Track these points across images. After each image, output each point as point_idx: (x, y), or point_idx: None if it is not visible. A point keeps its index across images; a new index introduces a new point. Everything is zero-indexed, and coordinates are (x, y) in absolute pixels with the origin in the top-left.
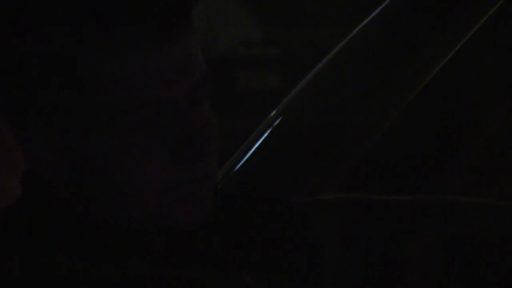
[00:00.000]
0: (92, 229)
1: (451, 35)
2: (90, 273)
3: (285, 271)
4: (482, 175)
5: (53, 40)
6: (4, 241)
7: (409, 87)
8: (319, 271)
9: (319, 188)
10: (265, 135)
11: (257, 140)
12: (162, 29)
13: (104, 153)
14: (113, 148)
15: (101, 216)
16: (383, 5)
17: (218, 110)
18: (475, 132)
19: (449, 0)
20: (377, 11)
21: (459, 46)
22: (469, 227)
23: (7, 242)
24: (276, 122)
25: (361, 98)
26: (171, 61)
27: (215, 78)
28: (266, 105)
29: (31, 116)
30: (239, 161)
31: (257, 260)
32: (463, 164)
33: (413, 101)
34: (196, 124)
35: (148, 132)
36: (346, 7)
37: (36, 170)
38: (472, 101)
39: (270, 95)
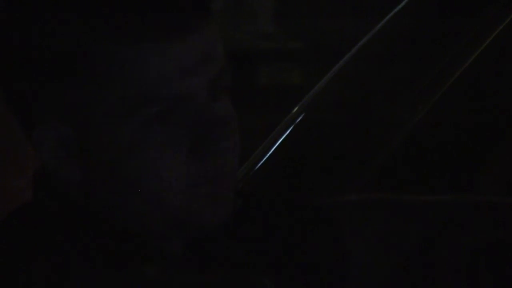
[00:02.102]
0: (107, 232)
1: (483, 27)
2: (104, 278)
3: (309, 275)
4: None
5: (67, 32)
6: (16, 243)
7: (437, 82)
8: (345, 276)
9: (344, 189)
10: (287, 132)
11: (278, 138)
12: (181, 20)
13: (119, 149)
14: (129, 144)
15: (116, 218)
16: None
17: (238, 105)
18: (509, 129)
19: None
20: (403, 3)
21: (490, 39)
22: (502, 229)
23: (19, 244)
24: (298, 119)
25: (387, 94)
26: (190, 52)
27: (235, 72)
28: (287, 101)
29: (43, 113)
30: (260, 160)
31: (279, 265)
32: (495, 163)
33: (441, 97)
34: (216, 118)
35: (166, 126)
36: None
37: (49, 170)
38: (505, 98)
39: (291, 91)
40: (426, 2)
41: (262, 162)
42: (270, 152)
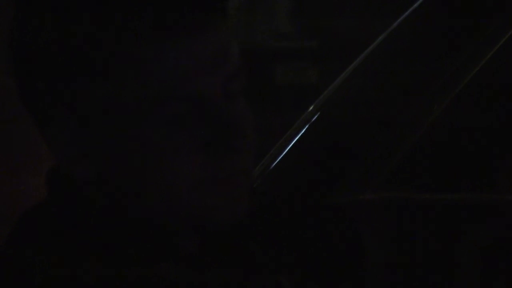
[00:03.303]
0: (121, 230)
1: (498, 26)
2: (119, 277)
3: (324, 274)
4: None
5: (81, 29)
6: (31, 242)
7: (453, 81)
8: (361, 274)
9: (360, 187)
10: (302, 131)
11: (294, 137)
12: (196, 19)
13: (136, 148)
14: (146, 143)
15: (131, 216)
16: None
17: (253, 104)
18: None
19: None
20: (419, 1)
21: (506, 38)
22: None
23: (34, 243)
24: (314, 118)
25: (403, 93)
26: (205, 52)
27: (250, 71)
28: (303, 100)
29: (60, 111)
30: (275, 159)
31: (294, 263)
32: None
33: (457, 96)
34: (232, 117)
35: (182, 125)
36: None
37: (63, 168)
38: None
39: (307, 90)
40: (442, 0)
41: (277, 161)
42: (285, 151)
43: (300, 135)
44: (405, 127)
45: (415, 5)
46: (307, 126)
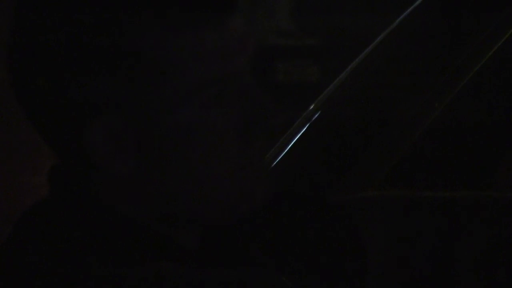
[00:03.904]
0: (124, 228)
1: (498, 25)
2: (122, 274)
3: (327, 273)
4: None
5: (122, 25)
6: (34, 240)
7: (454, 79)
8: (363, 273)
9: (361, 185)
10: (303, 129)
11: (295, 136)
12: (223, 5)
13: (178, 136)
14: (188, 129)
15: (144, 212)
16: None
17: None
18: None
19: None
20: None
21: (507, 36)
22: None
23: (37, 241)
24: (315, 116)
25: (404, 91)
26: (232, 33)
27: (256, 69)
28: (304, 98)
29: (95, 109)
30: (276, 157)
31: (296, 262)
32: None
33: (458, 94)
34: (262, 98)
35: (220, 107)
36: None
37: (99, 165)
38: None
39: (308, 88)
40: None
41: (278, 159)
42: (286, 150)
43: (301, 133)
44: (406, 125)
45: (416, 3)
46: (308, 125)
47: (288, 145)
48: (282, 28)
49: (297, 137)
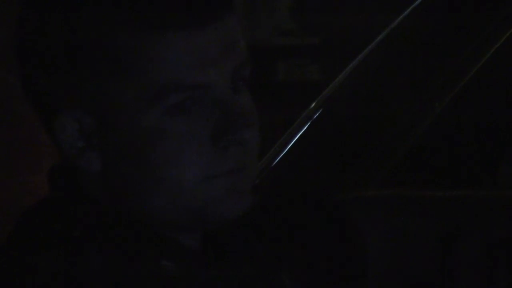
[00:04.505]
0: (124, 227)
1: (500, 22)
2: (122, 273)
3: (326, 272)
4: None
5: (90, 20)
6: (34, 239)
7: (455, 78)
8: (363, 272)
9: (362, 184)
10: (304, 128)
11: (296, 134)
12: (203, 8)
13: (141, 139)
14: (151, 134)
15: (133, 211)
16: None
17: (257, 100)
18: None
19: None
20: None
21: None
22: None
23: (37, 240)
24: (316, 115)
25: (405, 90)
26: (212, 42)
27: (255, 68)
28: (305, 97)
29: (65, 102)
30: (277, 155)
31: (296, 261)
32: None
33: (458, 93)
34: (238, 109)
35: (187, 116)
36: None
37: (68, 163)
38: None
39: (309, 86)
40: None
41: (279, 158)
42: (287, 148)
43: (302, 132)
44: (407, 123)
45: (418, 1)
46: (309, 123)
47: (289, 143)
48: (282, 27)
49: (298, 136)
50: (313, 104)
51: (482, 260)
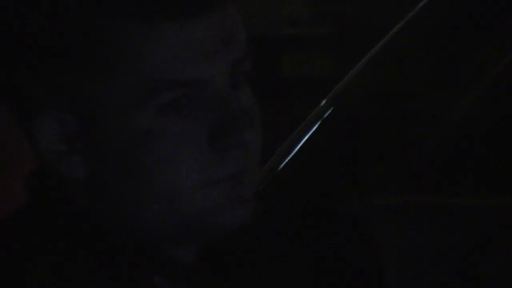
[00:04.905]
0: (112, 239)
1: None
2: None
3: (338, 286)
4: None
5: (69, 12)
6: (14, 251)
7: (481, 73)
8: (379, 286)
9: (379, 191)
10: (314, 128)
11: (304, 135)
12: None
13: (131, 142)
14: (142, 136)
15: (123, 222)
16: None
17: (259, 98)
18: None
19: None
20: None
21: None
22: None
23: (17, 252)
24: (327, 114)
25: (426, 86)
26: (209, 33)
27: (257, 61)
28: (314, 93)
29: (44, 100)
30: (283, 159)
31: (303, 276)
32: None
33: (487, 90)
34: (237, 108)
35: (182, 115)
36: None
37: (48, 168)
38: None
39: (319, 82)
40: None
41: (285, 162)
42: (294, 151)
43: (310, 133)
44: (428, 124)
45: None
46: (318, 123)
47: (297, 145)
48: (289, 15)
49: (307, 137)
50: (323, 102)
51: (507, 269)
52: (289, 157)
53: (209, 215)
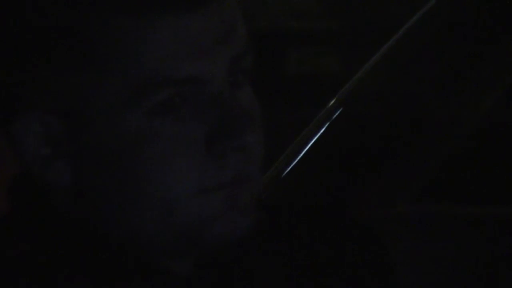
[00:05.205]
0: (100, 250)
1: None
2: None
3: None
4: None
5: (54, 6)
6: None
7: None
8: None
9: (391, 199)
10: (322, 131)
11: (312, 137)
12: None
13: (121, 145)
14: (133, 139)
15: (112, 232)
16: None
17: (263, 97)
18: None
19: None
20: None
21: None
22: None
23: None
24: (335, 115)
25: (442, 86)
26: (206, 26)
27: (261, 57)
28: (322, 92)
29: (27, 101)
30: (288, 164)
31: None
32: None
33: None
34: (237, 108)
35: (177, 116)
36: None
37: (32, 174)
38: None
39: (327, 80)
40: None
41: (291, 167)
42: (300, 155)
43: (318, 135)
44: (443, 127)
45: None
46: (327, 125)
47: (304, 148)
48: (297, 8)
49: (315, 139)
50: (332, 102)
51: None
52: (294, 162)
53: (206, 225)
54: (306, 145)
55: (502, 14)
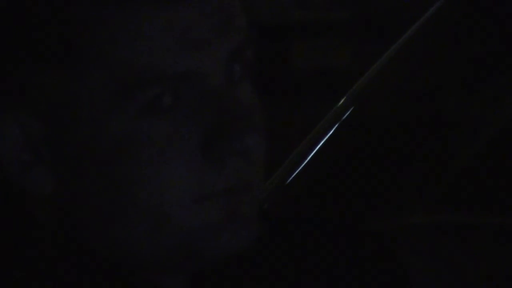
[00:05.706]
0: (85, 264)
1: None
2: None
3: None
4: None
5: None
6: None
7: None
8: None
9: (407, 209)
10: (330, 132)
11: (320, 140)
12: None
13: (108, 149)
14: (121, 141)
15: (98, 245)
16: None
17: (266, 94)
18: None
19: None
20: None
21: None
22: None
23: None
24: (345, 115)
25: (460, 86)
26: (202, 16)
27: (263, 51)
28: (331, 89)
29: (3, 104)
30: (293, 169)
31: None
32: None
33: None
34: (237, 106)
35: (169, 116)
36: None
37: (9, 181)
38: None
39: (336, 75)
40: None
41: (296, 173)
42: (307, 160)
43: (327, 137)
44: (462, 131)
45: None
46: (336, 126)
47: (311, 152)
48: None
49: (323, 142)
50: (341, 101)
51: None
52: (300, 168)
53: (203, 237)
54: (314, 148)
55: None
